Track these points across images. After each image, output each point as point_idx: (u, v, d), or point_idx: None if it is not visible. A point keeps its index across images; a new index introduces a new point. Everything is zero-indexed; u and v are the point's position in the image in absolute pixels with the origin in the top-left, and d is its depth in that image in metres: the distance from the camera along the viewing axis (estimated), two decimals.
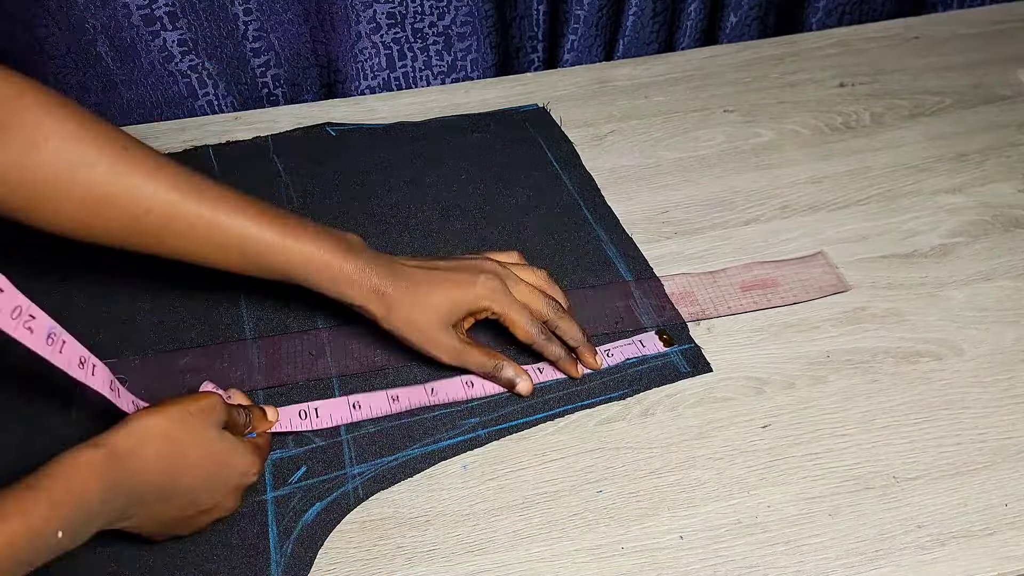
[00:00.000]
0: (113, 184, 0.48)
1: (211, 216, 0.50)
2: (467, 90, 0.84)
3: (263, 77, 0.85)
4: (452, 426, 0.54)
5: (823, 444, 0.53)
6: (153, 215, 0.49)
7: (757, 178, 0.73)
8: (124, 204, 0.49)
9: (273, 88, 0.87)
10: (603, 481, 0.51)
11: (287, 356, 0.58)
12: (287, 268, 0.52)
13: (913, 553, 0.47)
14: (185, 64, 0.81)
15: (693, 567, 0.47)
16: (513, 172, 0.73)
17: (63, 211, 0.49)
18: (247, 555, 0.48)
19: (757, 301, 0.62)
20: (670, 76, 0.85)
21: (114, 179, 0.48)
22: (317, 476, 0.51)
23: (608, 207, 0.70)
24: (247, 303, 0.61)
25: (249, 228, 0.51)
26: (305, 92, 0.88)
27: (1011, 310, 0.61)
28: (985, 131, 0.77)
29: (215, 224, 0.50)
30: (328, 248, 0.52)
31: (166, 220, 0.50)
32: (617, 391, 0.56)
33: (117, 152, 0.49)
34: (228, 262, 0.52)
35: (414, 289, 0.53)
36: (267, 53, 0.84)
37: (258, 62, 0.84)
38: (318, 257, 0.52)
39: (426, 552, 0.48)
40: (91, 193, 0.48)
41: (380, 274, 0.53)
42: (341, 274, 0.52)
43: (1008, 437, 0.53)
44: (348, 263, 0.52)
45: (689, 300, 0.62)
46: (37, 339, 0.41)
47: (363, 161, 0.74)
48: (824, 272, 0.64)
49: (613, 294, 0.62)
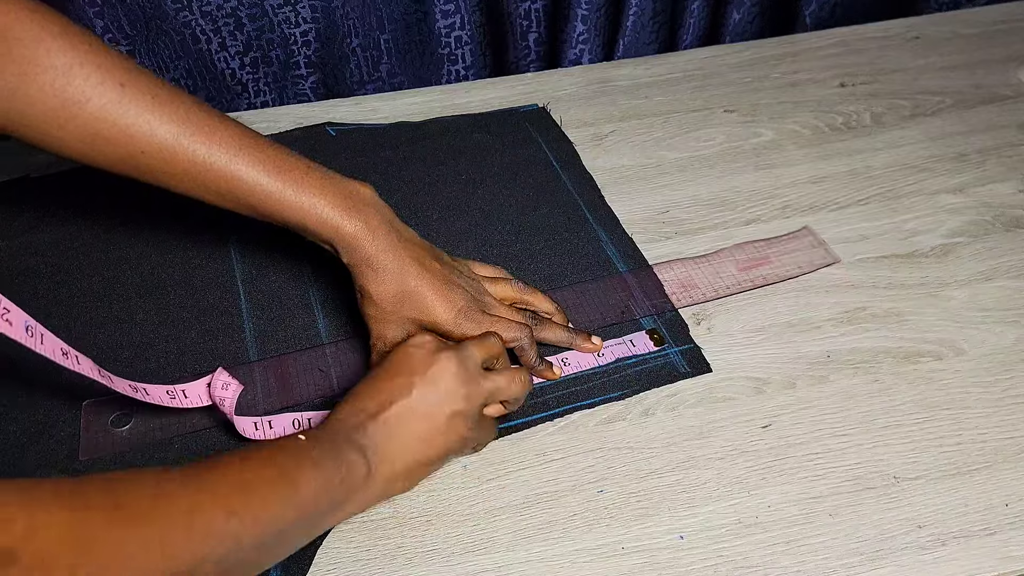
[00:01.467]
0: (105, 122, 0.47)
1: (207, 158, 0.49)
2: (467, 90, 0.84)
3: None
4: None
5: (824, 444, 0.53)
6: (147, 155, 0.48)
7: (758, 178, 0.73)
8: (119, 141, 0.48)
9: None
10: (604, 481, 0.51)
11: (295, 374, 0.57)
12: (284, 217, 0.51)
13: (914, 553, 0.47)
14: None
15: (693, 567, 0.47)
16: (513, 172, 0.73)
17: (63, 141, 0.48)
18: None
19: (754, 279, 0.62)
20: (670, 76, 0.85)
21: (107, 117, 0.47)
22: None
23: (608, 207, 0.70)
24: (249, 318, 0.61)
25: (247, 173, 0.50)
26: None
27: (1012, 310, 0.61)
28: (985, 131, 0.77)
29: (211, 167, 0.49)
30: (330, 202, 0.51)
31: (161, 161, 0.49)
32: (617, 391, 0.56)
33: (112, 89, 0.47)
34: (227, 205, 0.51)
35: (404, 275, 0.52)
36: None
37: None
38: (316, 212, 0.51)
39: (426, 552, 0.48)
40: (85, 130, 0.47)
41: (379, 244, 0.52)
42: (338, 234, 0.51)
43: (1009, 437, 0.53)
44: (348, 222, 0.51)
45: (689, 286, 0.62)
46: (17, 331, 0.41)
47: (363, 161, 0.74)
48: (811, 246, 0.65)
49: (613, 288, 0.63)
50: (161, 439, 0.53)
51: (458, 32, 0.88)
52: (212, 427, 0.54)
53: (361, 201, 0.52)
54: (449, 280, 0.54)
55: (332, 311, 0.61)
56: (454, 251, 0.65)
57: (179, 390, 0.51)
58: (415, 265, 0.53)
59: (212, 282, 0.63)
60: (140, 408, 0.54)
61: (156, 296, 0.62)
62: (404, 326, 0.53)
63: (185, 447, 0.53)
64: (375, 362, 0.54)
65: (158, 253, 0.65)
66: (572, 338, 0.58)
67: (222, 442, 0.53)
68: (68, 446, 0.52)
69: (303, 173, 0.51)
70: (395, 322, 0.53)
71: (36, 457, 0.52)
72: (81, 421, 0.53)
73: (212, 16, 0.81)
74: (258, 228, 0.54)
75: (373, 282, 0.52)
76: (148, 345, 0.58)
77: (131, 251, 0.66)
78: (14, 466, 0.51)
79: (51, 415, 0.54)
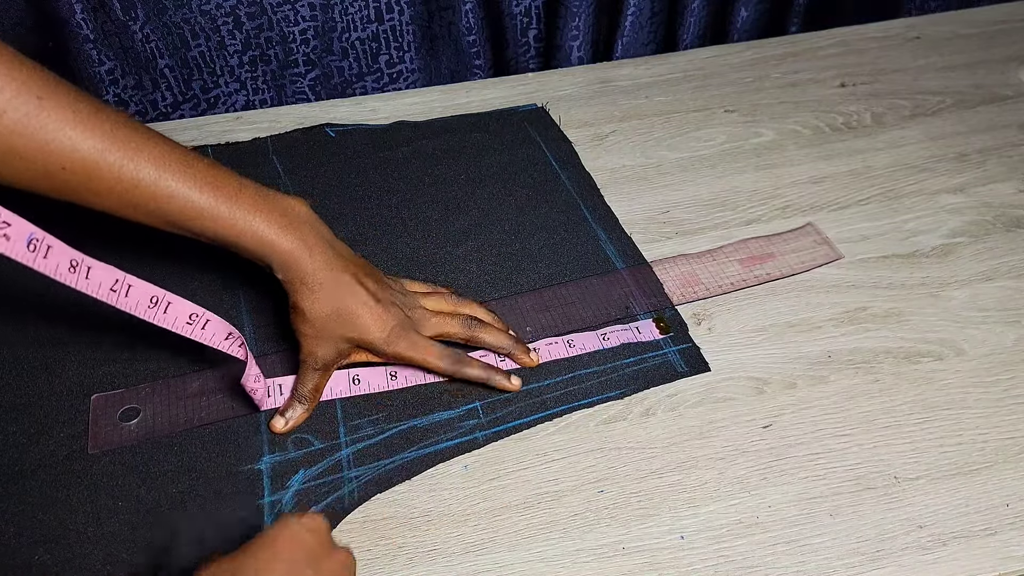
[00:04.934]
0: (21, 136, 0.44)
1: (134, 174, 0.46)
2: (467, 90, 0.83)
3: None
4: (450, 428, 0.54)
5: (824, 444, 0.53)
6: (69, 172, 0.45)
7: (758, 178, 0.73)
8: (36, 158, 0.45)
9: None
10: (604, 481, 0.51)
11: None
12: (217, 235, 0.50)
13: (914, 553, 0.47)
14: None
15: (694, 567, 0.47)
16: (512, 172, 0.73)
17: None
18: None
19: (759, 275, 0.62)
20: (671, 76, 0.85)
21: (23, 131, 0.44)
22: (315, 479, 0.51)
23: (607, 207, 0.70)
24: (247, 309, 0.61)
25: (178, 190, 0.47)
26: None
27: (1012, 310, 0.61)
28: (986, 131, 0.77)
29: (139, 184, 0.47)
30: (265, 219, 0.50)
31: (85, 178, 0.46)
32: (615, 391, 0.56)
33: (29, 102, 0.44)
34: (156, 224, 0.49)
35: (339, 294, 0.52)
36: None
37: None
38: (252, 228, 0.49)
39: (427, 552, 0.48)
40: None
41: (315, 262, 0.51)
42: (273, 251, 0.50)
43: (1009, 437, 0.53)
44: (284, 239, 0.50)
45: (693, 282, 0.63)
46: (16, 246, 0.39)
47: (362, 162, 0.74)
48: (815, 242, 0.65)
49: (615, 284, 0.63)
50: (170, 432, 0.53)
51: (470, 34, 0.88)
52: (221, 420, 0.54)
53: (297, 218, 0.52)
54: (383, 298, 0.54)
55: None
56: (455, 251, 0.66)
57: (203, 318, 0.50)
58: (350, 283, 0.52)
59: (211, 283, 0.63)
60: (148, 403, 0.54)
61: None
62: (336, 344, 0.53)
63: (194, 441, 0.53)
64: (299, 380, 0.54)
65: (155, 254, 0.65)
66: (513, 346, 0.57)
67: (232, 435, 0.53)
68: (68, 447, 0.52)
69: (236, 189, 0.49)
70: (327, 340, 0.53)
71: (37, 457, 0.52)
72: (90, 414, 0.54)
73: (211, 15, 0.81)
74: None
75: (307, 299, 0.52)
76: (146, 346, 0.58)
77: (129, 252, 0.65)
78: (14, 467, 0.51)
79: (51, 415, 0.54)
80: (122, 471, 0.51)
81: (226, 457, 0.52)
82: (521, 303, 0.62)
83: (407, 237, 0.67)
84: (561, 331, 0.59)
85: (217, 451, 0.52)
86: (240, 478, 0.51)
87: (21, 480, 0.50)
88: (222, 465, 0.52)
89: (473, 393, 0.56)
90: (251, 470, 0.52)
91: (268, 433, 0.53)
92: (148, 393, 0.55)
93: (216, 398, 0.55)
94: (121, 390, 0.55)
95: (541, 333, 0.59)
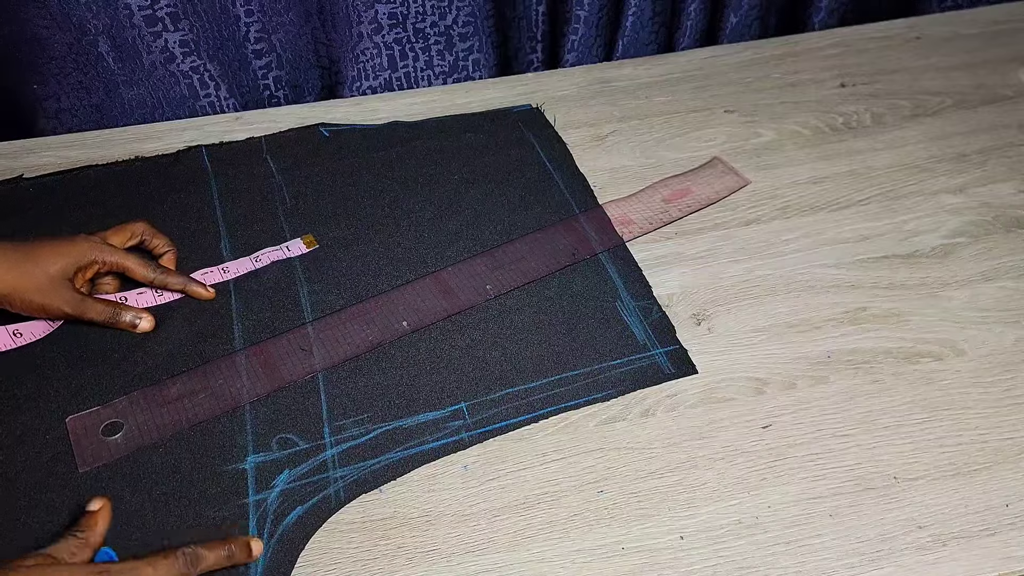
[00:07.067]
0: None
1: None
2: (468, 90, 0.84)
3: (264, 79, 0.85)
4: (436, 429, 0.54)
5: (824, 444, 0.53)
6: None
7: (758, 178, 0.73)
8: None
9: (275, 90, 0.87)
10: (604, 481, 0.51)
11: (279, 358, 0.57)
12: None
13: (914, 553, 0.47)
14: (187, 65, 0.81)
15: (694, 567, 0.47)
16: (505, 172, 0.73)
17: None
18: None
19: (681, 209, 0.69)
20: (671, 76, 0.85)
21: None
22: (300, 479, 0.51)
23: (600, 207, 0.70)
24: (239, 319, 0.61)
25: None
26: (306, 94, 0.89)
27: (1012, 311, 0.61)
28: (986, 131, 0.77)
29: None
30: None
31: None
32: (600, 392, 0.56)
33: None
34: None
35: (23, 257, 0.56)
36: (269, 55, 0.84)
37: (260, 64, 0.84)
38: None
39: (427, 552, 0.48)
40: None
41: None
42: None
43: (1009, 437, 0.53)
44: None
45: (627, 222, 0.68)
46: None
47: (356, 161, 0.74)
48: (723, 172, 0.70)
49: (561, 233, 0.67)
50: (159, 438, 0.53)
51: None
52: (208, 420, 0.54)
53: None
54: (52, 239, 0.58)
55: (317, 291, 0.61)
56: (445, 251, 0.66)
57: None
58: (22, 245, 0.56)
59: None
60: (129, 414, 0.54)
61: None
62: (62, 282, 0.57)
63: (178, 442, 0.53)
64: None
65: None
66: (188, 283, 0.62)
67: (216, 436, 0.53)
68: (54, 448, 0.52)
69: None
70: (57, 283, 0.57)
71: (23, 461, 0.52)
72: (69, 436, 0.53)
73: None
74: (251, 229, 0.54)
75: (12, 274, 0.55)
76: (138, 346, 0.58)
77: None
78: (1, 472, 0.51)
79: (34, 420, 0.54)
80: (107, 474, 0.51)
81: (210, 457, 0.52)
82: (477, 264, 0.64)
83: (399, 237, 0.67)
84: (518, 284, 0.63)
85: (201, 452, 0.52)
86: (224, 478, 0.51)
87: (5, 484, 0.50)
88: (206, 466, 0.52)
89: (459, 394, 0.56)
90: (236, 470, 0.51)
91: (253, 432, 0.53)
92: (127, 405, 0.55)
93: (198, 399, 0.55)
94: (96, 408, 0.55)
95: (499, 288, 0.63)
